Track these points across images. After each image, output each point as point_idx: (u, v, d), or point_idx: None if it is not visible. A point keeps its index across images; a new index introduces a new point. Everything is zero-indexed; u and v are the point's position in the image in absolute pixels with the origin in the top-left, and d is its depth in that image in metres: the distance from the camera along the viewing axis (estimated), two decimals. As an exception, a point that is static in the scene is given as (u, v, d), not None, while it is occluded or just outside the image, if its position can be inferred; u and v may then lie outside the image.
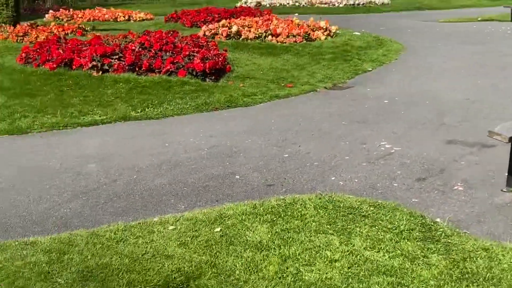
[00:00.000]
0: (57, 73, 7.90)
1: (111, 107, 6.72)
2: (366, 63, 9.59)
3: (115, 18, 15.94)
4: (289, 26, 11.74)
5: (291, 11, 19.41)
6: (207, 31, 11.66)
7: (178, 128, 6.04)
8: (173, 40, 8.78)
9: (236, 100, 7.13)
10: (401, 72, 8.96)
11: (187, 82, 7.68)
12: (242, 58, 9.67)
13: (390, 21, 15.89)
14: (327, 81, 8.32)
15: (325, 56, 10.03)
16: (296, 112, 6.64)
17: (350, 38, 11.77)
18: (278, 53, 10.24)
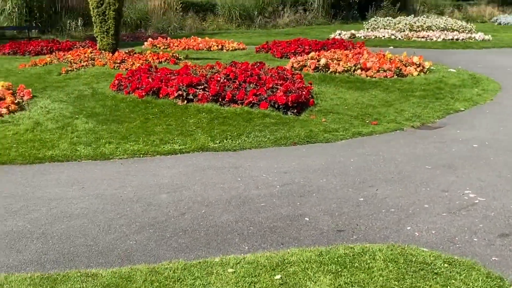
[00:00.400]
0: (145, 101, 8.14)
1: (191, 136, 6.78)
2: (459, 102, 9.12)
3: (209, 48, 16.34)
4: (380, 60, 11.47)
5: (385, 44, 19.05)
6: (295, 63, 11.64)
7: (253, 162, 5.98)
8: (258, 72, 8.80)
9: (316, 136, 6.97)
10: (495, 114, 8.42)
11: (268, 114, 7.64)
12: (327, 91, 9.53)
13: (489, 58, 15.13)
14: (415, 120, 7.97)
15: (416, 93, 9.66)
16: (378, 151, 6.37)
17: (444, 75, 11.30)
18: (366, 88, 10.00)
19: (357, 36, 21.14)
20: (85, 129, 6.99)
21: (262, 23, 28.89)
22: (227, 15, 28.30)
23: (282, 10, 30.01)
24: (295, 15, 30.26)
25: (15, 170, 5.62)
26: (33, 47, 14.85)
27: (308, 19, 30.37)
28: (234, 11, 28.14)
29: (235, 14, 28.20)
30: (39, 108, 7.82)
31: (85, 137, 6.68)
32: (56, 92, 9.10)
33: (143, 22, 25.61)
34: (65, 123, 7.23)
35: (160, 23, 25.70)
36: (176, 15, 26.69)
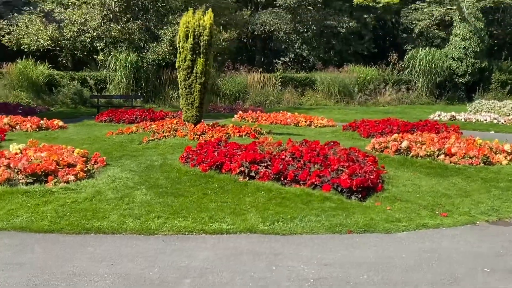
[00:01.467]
0: (207, 175, 8.14)
1: (242, 216, 6.60)
2: (549, 197, 8.23)
3: (297, 123, 16.37)
4: (468, 146, 10.77)
5: (486, 128, 18.06)
6: (376, 144, 11.27)
7: (297, 249, 5.65)
8: (326, 152, 8.54)
9: (376, 225, 6.52)
10: None
11: (329, 198, 7.31)
12: (403, 176, 9.03)
13: None
14: (491, 214, 7.26)
15: (500, 183, 8.88)
16: (437, 248, 5.80)
17: (539, 166, 10.35)
18: (446, 175, 9.37)
19: (458, 118, 20.28)
20: (141, 201, 7.06)
21: (362, 100, 28.74)
22: (326, 90, 28.48)
23: (384, 88, 29.72)
24: (397, 94, 29.83)
25: (59, 239, 5.72)
26: (128, 115, 15.68)
27: (411, 98, 29.80)
28: (333, 87, 28.28)
29: (334, 90, 28.32)
30: (106, 177, 8.06)
31: (138, 209, 6.72)
32: (130, 161, 9.39)
33: (242, 95, 26.36)
34: (124, 193, 7.35)
35: (258, 97, 26.34)
36: (275, 89, 27.26)
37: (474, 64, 29.95)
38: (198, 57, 12.54)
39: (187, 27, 12.50)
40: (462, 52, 30.03)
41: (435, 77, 30.00)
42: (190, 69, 12.57)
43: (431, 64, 29.79)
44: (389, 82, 29.84)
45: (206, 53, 12.57)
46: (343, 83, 28.48)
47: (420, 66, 29.93)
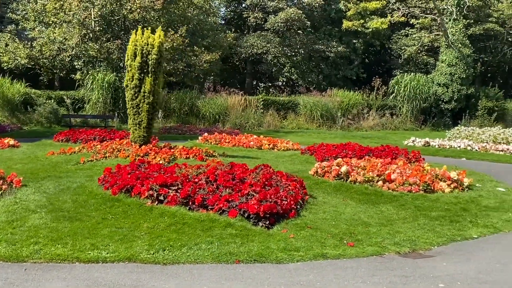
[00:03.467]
0: (115, 199, 7.81)
1: (129, 243, 6.24)
2: (476, 228, 7.81)
3: (260, 146, 16.04)
4: (414, 172, 10.38)
5: (458, 155, 17.67)
6: (319, 169, 10.92)
7: (164, 280, 5.27)
8: (243, 176, 8.19)
9: (269, 255, 6.13)
10: (508, 248, 7.05)
11: (232, 224, 6.94)
12: (330, 202, 8.67)
13: None
14: (405, 245, 6.85)
15: (432, 213, 8.47)
16: (317, 283, 5.40)
17: (482, 195, 9.96)
18: (378, 201, 8.99)
19: (432, 144, 19.92)
20: (31, 225, 6.72)
21: (344, 125, 28.45)
22: (308, 114, 28.21)
23: (367, 113, 29.42)
24: (381, 119, 29.54)
25: None
26: (86, 135, 15.42)
27: (394, 124, 29.51)
28: (316, 111, 28.02)
29: (316, 114, 28.05)
30: (11, 199, 7.74)
31: (20, 234, 6.38)
32: (51, 182, 9.07)
33: (222, 117, 26.12)
34: (18, 217, 7.02)
35: (238, 119, 26.09)
36: (256, 112, 26.99)
37: (460, 91, 29.66)
38: (146, 76, 12.30)
39: (135, 45, 12.28)
40: (448, 78, 29.78)
41: (420, 103, 29.72)
42: (138, 88, 12.32)
43: (416, 89, 29.54)
44: (373, 107, 29.56)
45: (155, 72, 12.32)
46: (326, 107, 28.23)
47: (405, 91, 29.69)
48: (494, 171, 14.30)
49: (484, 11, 34.63)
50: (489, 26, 34.20)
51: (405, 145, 19.98)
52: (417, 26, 35.00)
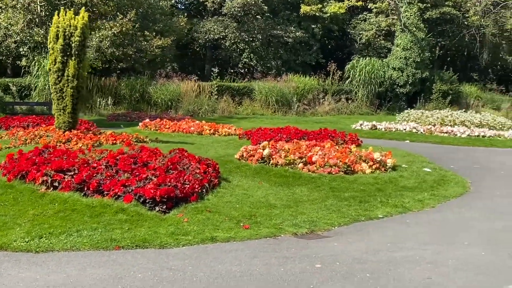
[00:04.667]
0: (9, 185, 7.46)
1: (4, 231, 5.93)
2: (385, 207, 7.69)
3: (200, 132, 15.74)
4: (341, 154, 10.24)
5: (403, 138, 17.68)
6: (245, 152, 10.69)
7: (23, 269, 4.98)
8: (147, 159, 7.91)
9: (154, 240, 5.88)
10: (411, 227, 6.93)
11: (125, 210, 6.67)
12: (242, 186, 8.46)
13: (499, 159, 13.34)
14: (305, 226, 6.68)
15: (345, 194, 8.33)
16: (189, 267, 5.17)
17: (402, 175, 9.88)
18: (295, 184, 8.81)
19: (378, 127, 19.86)
20: None
21: (300, 110, 28.26)
22: (264, 100, 27.93)
23: (323, 98, 29.30)
24: (337, 104, 29.44)
25: None
26: (19, 122, 14.92)
27: (350, 108, 29.45)
28: (271, 96, 27.76)
29: (271, 99, 27.79)
30: None
31: None
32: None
33: (174, 103, 25.69)
34: None
35: (191, 105, 25.68)
36: (211, 98, 26.64)
37: (415, 74, 29.71)
38: (69, 59, 11.87)
39: (57, 26, 11.82)
40: (403, 62, 29.80)
41: (375, 87, 29.70)
42: (61, 72, 11.89)
43: (371, 74, 29.50)
44: (329, 92, 29.44)
45: (78, 55, 11.90)
46: (281, 93, 27.98)
47: (360, 76, 29.61)
48: (432, 152, 14.31)
49: (440, -5, 34.74)
50: (445, 9, 34.32)
51: (353, 129, 19.90)
52: (374, 10, 34.94)
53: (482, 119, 20.42)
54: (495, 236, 6.38)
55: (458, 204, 8.16)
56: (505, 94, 33.48)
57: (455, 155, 13.84)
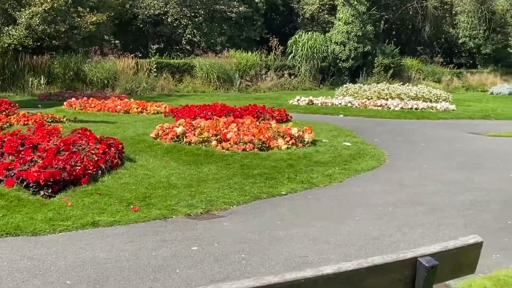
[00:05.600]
0: None
1: None
2: (291, 184, 7.46)
3: (127, 110, 15.21)
4: (258, 131, 9.96)
5: (337, 112, 17.58)
6: (160, 130, 10.30)
7: None
8: (38, 141, 7.43)
9: (28, 227, 5.46)
10: (310, 203, 6.73)
11: (5, 195, 6.21)
12: (147, 166, 8.09)
13: (425, 131, 13.36)
14: (201, 206, 6.36)
15: (254, 171, 8.06)
16: (53, 255, 4.80)
17: (319, 150, 9.69)
18: (204, 162, 8.50)
19: (315, 102, 19.72)
20: None
21: (243, 87, 27.88)
22: (205, 77, 27.42)
23: (265, 74, 28.99)
24: (280, 79, 29.18)
25: None
26: None
27: (293, 84, 29.25)
28: (212, 73, 27.26)
29: (213, 76, 27.30)
30: None
31: None
32: None
33: (111, 81, 24.90)
34: None
35: (129, 83, 24.95)
36: (150, 76, 25.96)
37: (357, 49, 29.70)
38: (-26, 36, 11.13)
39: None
40: (345, 37, 29.74)
41: (318, 62, 29.55)
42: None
43: (313, 48, 29.31)
44: (271, 68, 29.15)
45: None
46: (222, 69, 27.50)
47: (302, 51, 29.39)
48: (362, 125, 14.26)
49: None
50: (388, -17, 34.38)
51: (290, 104, 19.73)
52: (318, -16, 34.65)
53: (418, 92, 20.55)
54: (390, 209, 6.23)
55: (367, 178, 8.02)
56: (446, 67, 33.88)
57: (383, 128, 13.80)
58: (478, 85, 30.97)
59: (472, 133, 13.46)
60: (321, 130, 12.64)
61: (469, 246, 2.34)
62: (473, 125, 14.96)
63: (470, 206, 6.29)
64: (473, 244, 2.35)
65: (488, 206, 6.29)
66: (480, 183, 7.48)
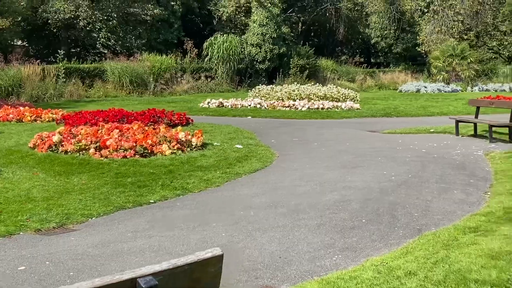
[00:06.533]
0: None
1: None
2: (163, 191, 7.16)
3: (20, 119, 14.46)
4: (147, 136, 9.62)
5: (246, 114, 17.49)
6: (39, 139, 9.77)
7: None
8: None
9: None
10: (174, 211, 6.48)
11: None
12: (9, 179, 7.63)
13: (323, 131, 13.43)
14: (55, 220, 5.96)
15: (128, 179, 7.73)
16: None
17: (205, 154, 9.49)
18: (77, 172, 8.08)
19: (225, 104, 19.58)
20: None
21: (157, 90, 27.38)
22: (117, 81, 26.70)
23: (181, 77, 28.60)
24: (197, 82, 28.89)
25: None
26: None
27: (210, 86, 29.03)
28: (124, 77, 26.57)
29: (125, 80, 26.62)
30: None
31: None
32: None
33: (16, 89, 23.76)
34: None
35: (35, 90, 23.91)
36: (58, 82, 24.99)
37: (272, 50, 29.87)
38: None
39: None
40: (260, 38, 29.83)
41: (235, 64, 29.50)
42: None
43: (229, 51, 29.22)
44: (187, 70, 28.81)
45: None
46: (136, 73, 26.90)
47: (218, 53, 29.24)
48: (264, 127, 14.24)
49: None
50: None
51: (200, 107, 19.52)
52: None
53: (327, 92, 20.82)
54: (251, 213, 6.07)
55: (245, 181, 7.85)
56: (359, 66, 34.67)
57: (286, 129, 13.79)
58: (390, 83, 31.86)
59: (369, 131, 13.67)
60: (220, 133, 12.47)
61: (207, 260, 2.14)
62: (373, 123, 15.22)
63: (332, 206, 6.23)
64: (211, 258, 2.15)
65: (349, 205, 6.25)
66: (352, 182, 7.48)
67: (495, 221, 5.34)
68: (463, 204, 6.30)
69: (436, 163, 8.82)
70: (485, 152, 9.76)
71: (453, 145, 10.76)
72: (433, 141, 11.39)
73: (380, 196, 6.66)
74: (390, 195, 6.70)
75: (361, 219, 5.72)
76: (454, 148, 10.31)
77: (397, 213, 5.94)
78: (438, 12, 31.38)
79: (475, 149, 10.20)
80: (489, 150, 10.02)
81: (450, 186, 7.22)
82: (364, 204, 6.26)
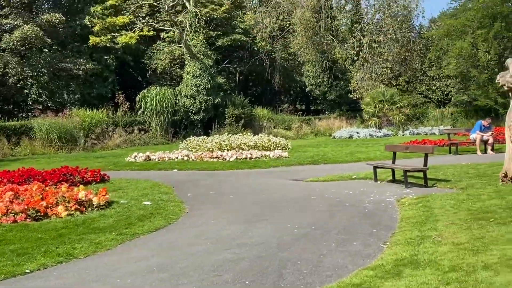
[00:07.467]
0: None
1: None
2: (44, 258, 6.53)
3: None
4: (45, 198, 8.98)
5: (172, 167, 16.98)
6: None
7: None
8: None
9: None
10: (47, 283, 5.88)
11: None
12: None
13: (244, 182, 13.05)
14: None
15: (10, 246, 7.10)
16: None
17: (104, 214, 8.94)
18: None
19: (152, 158, 19.05)
20: None
21: (88, 145, 26.58)
22: (45, 138, 25.79)
23: (113, 131, 27.95)
24: (130, 135, 28.28)
25: None
26: None
27: (143, 139, 28.47)
28: (52, 133, 25.71)
29: (54, 137, 25.74)
30: None
31: None
32: None
33: None
34: None
35: (-47, 151, 22.75)
36: (-20, 141, 23.90)
37: (207, 101, 29.71)
38: None
39: None
40: (194, 90, 29.67)
41: (169, 116, 29.16)
42: None
43: (163, 103, 28.91)
44: (119, 124, 28.22)
45: None
46: (65, 129, 26.11)
47: (151, 105, 28.88)
48: (185, 180, 13.84)
49: (230, 23, 35.54)
50: (236, 37, 35.15)
51: (127, 162, 18.92)
52: (167, 40, 34.68)
53: (257, 141, 20.63)
54: (128, 281, 5.55)
55: (139, 243, 7.33)
56: (296, 114, 34.95)
57: (205, 181, 13.37)
58: (326, 130, 32.13)
59: (293, 179, 13.43)
60: (135, 189, 11.96)
61: None
62: (299, 171, 15.01)
63: (219, 266, 5.79)
64: None
65: (238, 264, 5.83)
66: (251, 237, 7.09)
67: (381, 275, 5.02)
68: (358, 257, 5.99)
69: (345, 212, 8.56)
70: (397, 198, 9.60)
71: (369, 192, 10.58)
72: (351, 188, 11.21)
73: (275, 252, 6.28)
74: (285, 251, 6.33)
75: (245, 280, 5.29)
76: (369, 195, 10.12)
77: (285, 271, 5.55)
78: (368, 59, 32.19)
79: (389, 195, 10.04)
80: (403, 196, 9.88)
81: (351, 237, 6.93)
82: (254, 263, 5.85)
